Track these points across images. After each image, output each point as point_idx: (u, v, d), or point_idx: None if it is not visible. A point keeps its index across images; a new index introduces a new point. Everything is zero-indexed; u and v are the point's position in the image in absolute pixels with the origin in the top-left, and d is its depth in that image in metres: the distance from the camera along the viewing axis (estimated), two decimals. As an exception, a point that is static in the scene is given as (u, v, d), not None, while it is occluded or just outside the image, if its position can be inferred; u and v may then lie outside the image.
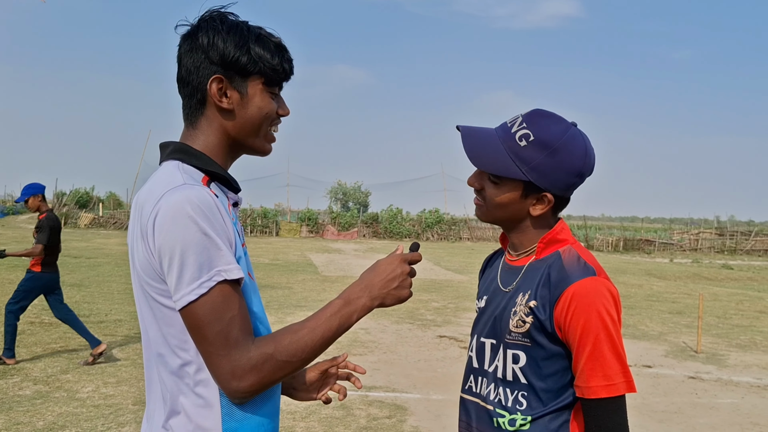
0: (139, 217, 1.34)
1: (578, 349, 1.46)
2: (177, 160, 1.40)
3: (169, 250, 1.25)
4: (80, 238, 26.60)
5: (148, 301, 1.36)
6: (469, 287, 15.20)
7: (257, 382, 1.29)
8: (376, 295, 1.44)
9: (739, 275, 22.86)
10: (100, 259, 17.58)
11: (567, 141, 1.52)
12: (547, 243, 1.59)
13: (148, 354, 1.41)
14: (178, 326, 1.32)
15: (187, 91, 1.45)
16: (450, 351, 8.26)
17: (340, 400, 1.76)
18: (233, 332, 1.27)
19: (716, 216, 56.27)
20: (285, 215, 42.03)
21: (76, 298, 10.76)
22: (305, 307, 11.06)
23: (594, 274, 1.48)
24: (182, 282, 1.25)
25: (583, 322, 1.44)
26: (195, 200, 1.26)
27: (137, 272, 1.37)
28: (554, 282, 1.49)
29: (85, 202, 39.37)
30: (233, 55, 1.40)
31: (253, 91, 1.43)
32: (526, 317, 1.53)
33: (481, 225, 43.54)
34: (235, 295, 1.29)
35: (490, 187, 1.59)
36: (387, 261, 1.48)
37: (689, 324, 11.00)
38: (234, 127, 1.44)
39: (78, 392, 5.78)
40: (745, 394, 6.84)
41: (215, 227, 1.27)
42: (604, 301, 1.45)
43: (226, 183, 1.45)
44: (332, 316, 1.39)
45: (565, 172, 1.53)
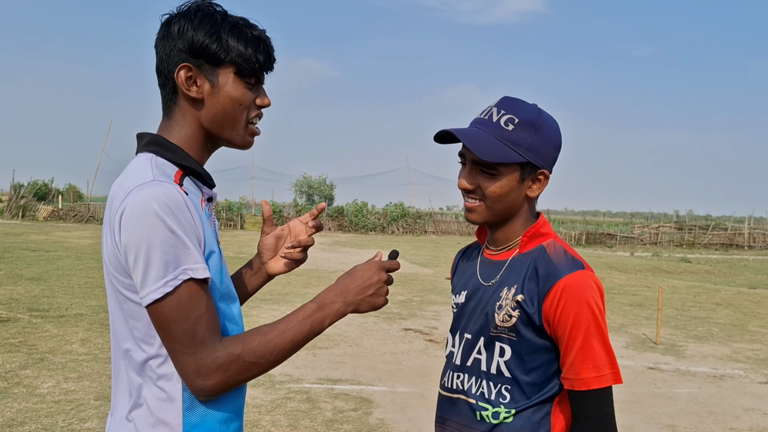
0: (109, 210, 1.33)
1: (568, 341, 1.47)
2: (151, 152, 1.39)
3: (134, 246, 1.24)
4: (39, 231, 26.01)
5: (116, 294, 1.34)
6: (434, 280, 15.28)
7: (222, 382, 1.29)
8: (350, 301, 1.44)
9: (697, 268, 23.40)
10: (60, 253, 17.22)
11: (544, 117, 1.59)
12: (530, 237, 1.61)
13: (116, 347, 1.40)
14: (144, 321, 1.31)
15: (161, 81, 1.44)
16: (415, 344, 8.30)
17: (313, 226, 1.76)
18: (199, 331, 1.27)
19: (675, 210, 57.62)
20: (250, 208, 41.69)
21: (35, 293, 10.53)
22: (270, 300, 10.99)
23: (582, 267, 1.51)
24: (148, 279, 1.24)
25: (573, 315, 1.46)
26: (162, 197, 1.25)
27: (106, 266, 1.35)
28: (543, 275, 1.51)
29: (44, 194, 38.45)
30: (202, 42, 1.38)
31: (225, 80, 1.41)
32: (513, 311, 1.53)
33: (446, 219, 43.80)
34: (201, 293, 1.28)
35: (486, 181, 1.58)
36: (364, 267, 1.48)
37: (649, 316, 11.23)
38: (206, 118, 1.42)
39: (38, 388, 5.66)
40: (702, 384, 7.02)
41: (183, 225, 1.26)
42: (593, 294, 1.48)
43: (200, 178, 1.44)
44: (304, 320, 1.39)
45: (552, 146, 1.59)
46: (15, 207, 35.10)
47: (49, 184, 39.89)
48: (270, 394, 5.80)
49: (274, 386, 6.04)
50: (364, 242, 29.69)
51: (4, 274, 12.39)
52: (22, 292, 10.49)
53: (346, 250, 24.41)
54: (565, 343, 1.48)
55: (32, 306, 9.37)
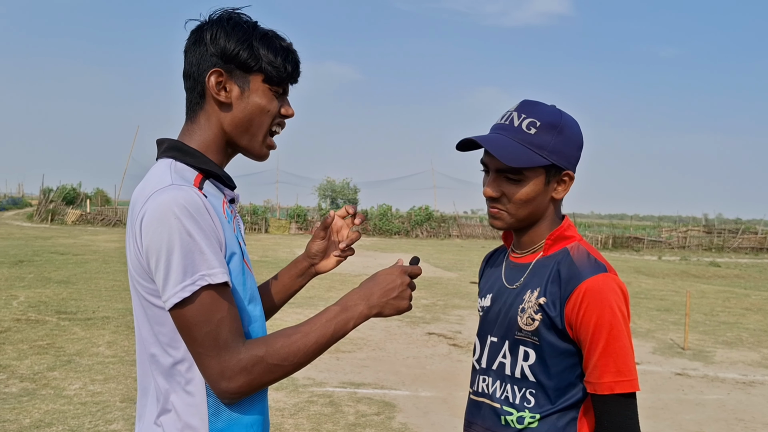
0: (131, 215, 1.35)
1: (591, 345, 1.46)
2: (170, 158, 1.40)
3: (155, 251, 1.26)
4: (67, 234, 26.42)
5: (140, 299, 1.36)
6: (458, 285, 15.22)
7: (246, 384, 1.29)
8: (374, 304, 1.45)
9: (726, 273, 23.03)
10: (88, 256, 17.46)
11: (565, 118, 1.58)
12: (554, 240, 1.60)
13: (142, 352, 1.41)
14: (168, 325, 1.32)
15: (189, 84, 1.45)
16: (439, 348, 8.27)
17: (358, 223, 1.78)
18: (222, 333, 1.27)
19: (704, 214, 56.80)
20: (274, 212, 41.92)
21: (63, 295, 10.69)
22: (293, 303, 11.02)
23: (605, 270, 1.49)
24: (168, 283, 1.26)
25: (596, 318, 1.44)
26: (181, 201, 1.26)
27: (130, 271, 1.37)
28: (565, 278, 1.49)
29: (72, 198, 39.05)
30: (234, 49, 1.40)
31: (255, 86, 1.44)
32: (536, 314, 1.52)
33: (470, 222, 43.64)
34: (222, 297, 1.29)
35: (511, 187, 1.57)
36: (387, 271, 1.49)
37: (676, 321, 11.07)
38: (231, 123, 1.44)
39: (65, 389, 5.74)
40: (731, 391, 6.89)
41: (203, 228, 1.27)
42: (616, 297, 1.46)
43: (220, 180, 1.45)
44: (328, 322, 1.39)
45: (574, 146, 1.58)
46: (44, 211, 35.71)
47: (78, 188, 40.51)
48: (293, 398, 5.81)
49: (297, 389, 6.05)
50: (388, 246, 29.69)
51: (33, 277, 12.60)
52: (51, 295, 10.66)
53: (370, 253, 24.42)
54: (587, 346, 1.47)
55: (60, 309, 9.51)
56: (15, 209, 45.24)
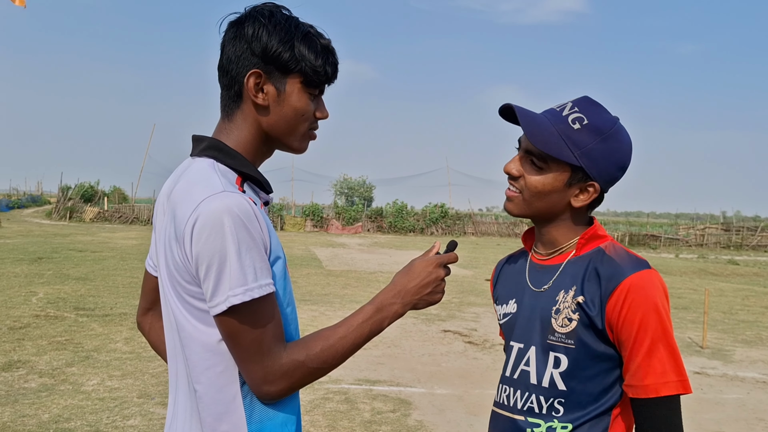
0: (173, 218, 1.32)
1: (633, 346, 1.38)
2: (211, 158, 1.38)
3: (206, 258, 1.25)
4: (85, 232, 26.66)
5: (181, 301, 1.35)
6: (474, 282, 15.18)
7: (287, 387, 1.32)
8: (408, 301, 1.44)
9: (745, 271, 22.78)
10: (105, 253, 17.61)
11: (618, 129, 1.49)
12: (588, 239, 1.52)
13: (175, 353, 1.41)
14: (208, 323, 1.32)
15: (226, 81, 1.42)
16: (454, 345, 8.25)
17: None
18: (266, 340, 1.29)
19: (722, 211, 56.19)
20: (289, 209, 42.05)
21: (81, 292, 10.79)
22: (309, 300, 11.06)
23: (648, 266, 1.42)
24: (218, 291, 1.26)
25: (640, 316, 1.37)
26: (235, 209, 1.25)
27: (170, 272, 1.35)
28: (605, 275, 1.42)
29: (90, 196, 39.39)
30: (276, 50, 1.37)
31: (291, 89, 1.41)
32: (573, 314, 1.45)
33: (485, 220, 43.52)
34: (268, 304, 1.30)
35: (532, 173, 1.50)
36: (422, 264, 1.46)
37: (695, 319, 10.97)
38: (268, 124, 1.42)
39: (83, 385, 5.79)
40: (751, 390, 6.82)
41: (253, 237, 1.27)
42: (660, 295, 1.39)
43: (258, 183, 1.44)
44: (364, 323, 1.39)
45: (613, 162, 1.49)
46: (63, 208, 36.07)
47: (95, 186, 40.85)
48: (309, 395, 5.82)
49: (313, 387, 6.06)
50: (403, 243, 29.69)
51: (52, 274, 12.73)
52: (69, 292, 10.76)
53: (385, 251, 24.43)
54: (630, 347, 1.39)
55: (78, 305, 9.60)
56: (34, 207, 45.73)
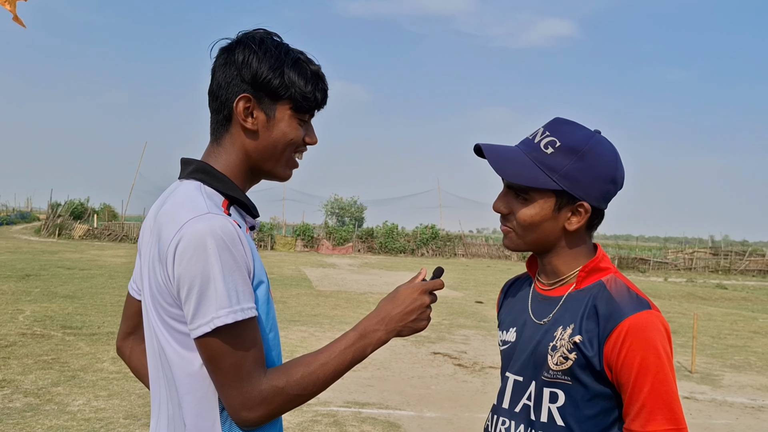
0: (158, 239, 1.32)
1: (633, 389, 1.34)
2: (198, 180, 1.39)
3: (188, 280, 1.25)
4: (74, 249, 26.49)
5: (163, 323, 1.34)
6: (464, 304, 15.17)
7: (266, 414, 1.30)
8: (392, 328, 1.42)
9: (733, 295, 22.87)
10: (94, 271, 17.49)
11: (594, 144, 1.44)
12: (589, 271, 1.47)
13: (157, 375, 1.40)
14: (188, 347, 1.31)
15: (215, 106, 1.44)
16: (444, 368, 8.22)
17: None
18: (246, 365, 1.28)
19: (710, 235, 56.47)
20: (280, 229, 41.98)
21: (68, 310, 10.70)
22: (299, 321, 11.01)
23: (648, 307, 1.37)
24: (198, 314, 1.25)
25: (639, 359, 1.32)
26: (219, 232, 1.25)
27: (152, 293, 1.35)
28: (604, 315, 1.37)
29: (80, 213, 39.21)
30: (266, 76, 1.38)
31: (281, 115, 1.42)
32: (570, 353, 1.40)
33: (476, 242, 43.57)
34: (249, 329, 1.29)
35: (519, 206, 1.47)
36: (408, 291, 1.45)
37: (684, 344, 10.99)
38: (256, 149, 1.43)
39: (69, 405, 5.73)
40: (740, 415, 6.82)
41: (236, 260, 1.27)
42: (660, 337, 1.34)
43: (244, 207, 1.44)
44: (346, 350, 1.38)
45: (597, 177, 1.44)
46: (52, 225, 35.84)
47: (85, 203, 40.72)
48: (297, 417, 5.78)
49: (302, 409, 6.02)
50: (394, 264, 29.65)
51: (39, 292, 12.62)
52: (57, 310, 10.66)
53: (375, 272, 24.39)
54: (630, 390, 1.34)
55: (66, 323, 9.52)
56: (23, 223, 45.39)
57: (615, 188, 1.48)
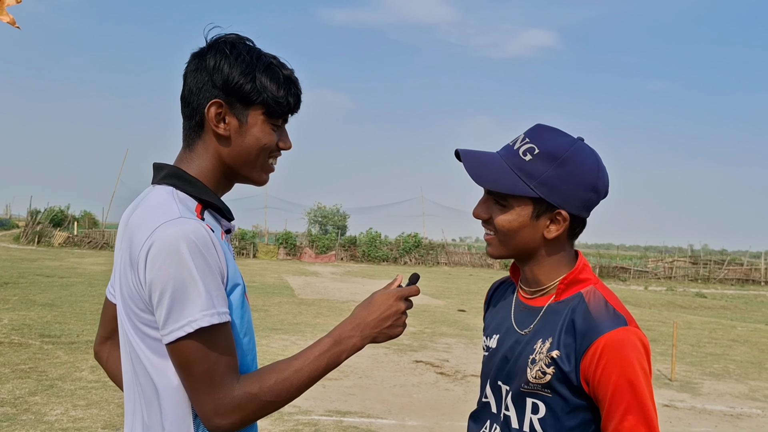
0: (130, 244, 1.31)
1: (610, 407, 1.33)
2: (171, 185, 1.38)
3: (160, 285, 1.24)
4: (53, 257, 26.19)
5: (135, 330, 1.33)
6: (446, 312, 15.18)
7: (239, 421, 1.28)
8: (367, 335, 1.41)
9: (712, 303, 23.11)
10: (74, 279, 17.30)
11: (575, 152, 1.42)
12: (568, 284, 1.46)
13: (130, 379, 1.39)
14: (161, 354, 1.30)
15: (187, 112, 1.43)
16: (426, 376, 8.21)
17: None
18: (219, 371, 1.26)
19: (690, 244, 56.97)
20: (263, 237, 41.78)
21: (47, 318, 10.56)
22: (280, 330, 10.96)
23: (625, 323, 1.35)
24: (170, 319, 1.24)
25: (615, 377, 1.31)
26: (191, 236, 1.24)
27: (124, 299, 1.34)
28: (580, 331, 1.36)
29: (60, 220, 38.80)
30: (237, 81, 1.37)
31: (254, 120, 1.41)
32: (547, 368, 1.39)
33: (458, 250, 43.68)
34: (222, 334, 1.28)
35: (498, 212, 1.46)
36: (383, 298, 1.44)
37: (663, 352, 11.07)
38: (229, 155, 1.42)
39: (46, 415, 5.65)
40: (719, 423, 6.88)
41: (209, 265, 1.26)
42: (637, 354, 1.33)
43: (219, 211, 1.43)
44: (321, 356, 1.37)
45: (577, 185, 1.41)
46: (31, 233, 35.42)
47: (65, 210, 40.28)
48: (278, 426, 5.75)
49: (282, 418, 5.99)
50: (376, 272, 29.63)
51: (17, 300, 12.45)
52: (35, 318, 10.53)
53: (358, 280, 24.35)
54: (606, 407, 1.34)
55: (44, 332, 9.39)
56: (2, 230, 44.81)
57: (597, 197, 1.46)
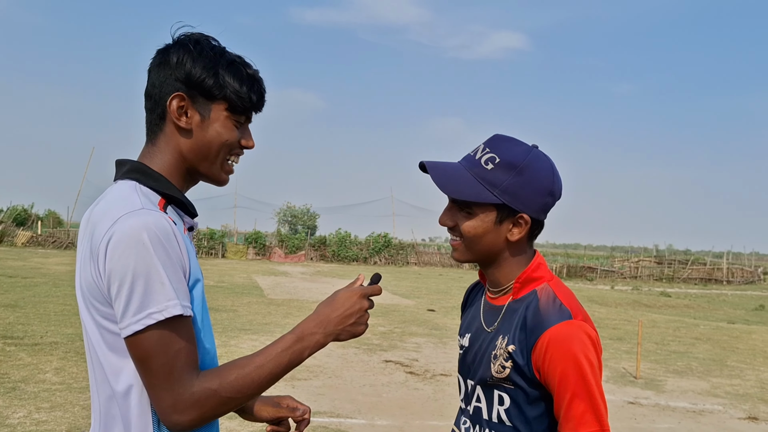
0: (91, 237, 1.31)
1: (558, 396, 1.41)
2: (134, 180, 1.37)
3: (119, 276, 1.22)
4: (16, 257, 25.66)
5: (95, 324, 1.32)
6: (416, 312, 15.22)
7: (198, 417, 1.27)
8: (330, 332, 1.41)
9: (676, 302, 23.54)
10: (37, 279, 16.97)
11: (532, 160, 1.51)
12: (523, 282, 1.54)
13: (94, 377, 1.37)
14: (120, 351, 1.29)
15: (150, 105, 1.43)
16: (396, 376, 8.23)
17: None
18: (178, 365, 1.25)
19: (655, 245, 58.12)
20: (231, 237, 41.45)
21: (9, 320, 10.34)
22: (249, 330, 10.89)
23: (569, 317, 1.43)
24: (128, 311, 1.23)
25: (560, 369, 1.39)
26: (153, 227, 1.24)
27: (83, 292, 1.33)
28: (530, 327, 1.45)
29: (23, 219, 38.01)
30: (199, 75, 1.39)
31: (216, 115, 1.42)
32: (506, 362, 1.48)
33: (428, 250, 43.84)
34: (182, 328, 1.27)
35: (463, 220, 1.54)
36: (346, 295, 1.44)
37: (629, 350, 11.25)
38: (190, 149, 1.42)
39: (8, 418, 5.53)
40: (682, 419, 7.02)
41: (170, 257, 1.25)
42: (581, 346, 1.40)
43: (182, 207, 1.43)
44: (283, 352, 1.36)
45: (535, 191, 1.51)
46: (-7, 232, 34.63)
47: (29, 209, 39.47)
48: (246, 427, 5.71)
49: (252, 418, 5.95)
50: (346, 272, 29.59)
51: (-22, 301, 12.17)
52: (-3, 319, 10.30)
53: (328, 280, 24.30)
54: (556, 398, 1.43)
55: (6, 333, 9.20)
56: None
57: (553, 200, 1.56)
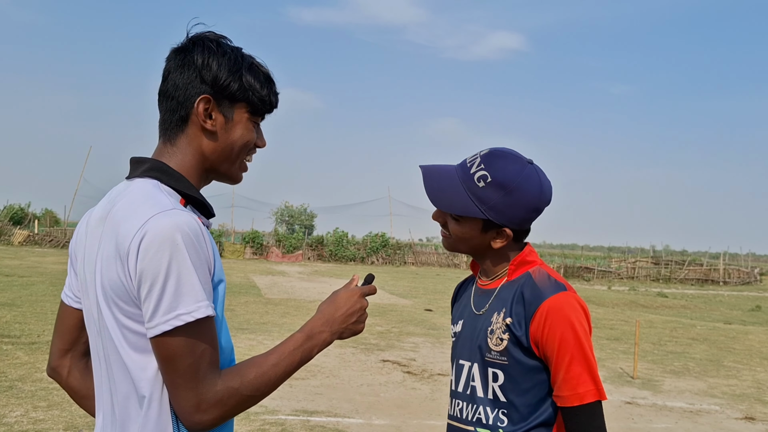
0: (115, 235, 1.29)
1: (557, 360, 1.54)
2: (154, 179, 1.37)
3: (151, 276, 1.22)
4: (13, 255, 25.61)
5: (117, 324, 1.31)
6: (413, 312, 15.23)
7: (220, 416, 1.28)
8: (335, 330, 1.47)
9: (673, 303, 23.58)
10: (34, 278, 16.94)
11: (522, 181, 1.61)
12: (517, 265, 1.68)
13: (107, 376, 1.36)
14: (143, 350, 1.29)
15: (171, 106, 1.42)
16: (393, 375, 8.24)
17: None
18: (203, 365, 1.26)
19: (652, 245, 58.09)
20: (229, 236, 41.44)
21: (6, 318, 10.33)
22: (247, 329, 10.88)
23: (564, 289, 1.59)
24: (159, 311, 1.23)
25: (559, 334, 1.53)
26: (185, 228, 1.24)
27: (107, 294, 1.31)
28: (528, 299, 1.58)
29: (20, 218, 37.96)
30: (226, 79, 1.40)
31: (239, 117, 1.44)
32: (503, 334, 1.60)
33: (425, 250, 43.85)
34: (208, 328, 1.28)
35: (452, 223, 1.68)
36: (346, 295, 1.51)
37: (626, 350, 11.27)
38: (213, 151, 1.43)
39: (5, 417, 5.53)
40: (679, 419, 7.03)
41: (200, 257, 1.26)
42: (576, 313, 1.55)
43: (200, 207, 1.43)
44: (295, 350, 1.40)
45: (521, 209, 1.62)
46: (-11, 231, 34.56)
47: (26, 208, 39.42)
48: (245, 426, 5.71)
49: (249, 417, 5.95)
50: (344, 272, 29.59)
51: (-25, 300, 12.15)
52: (-7, 318, 10.28)
53: (325, 279, 24.30)
54: (554, 362, 1.55)
55: (3, 332, 9.18)
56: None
57: (537, 214, 1.68)
